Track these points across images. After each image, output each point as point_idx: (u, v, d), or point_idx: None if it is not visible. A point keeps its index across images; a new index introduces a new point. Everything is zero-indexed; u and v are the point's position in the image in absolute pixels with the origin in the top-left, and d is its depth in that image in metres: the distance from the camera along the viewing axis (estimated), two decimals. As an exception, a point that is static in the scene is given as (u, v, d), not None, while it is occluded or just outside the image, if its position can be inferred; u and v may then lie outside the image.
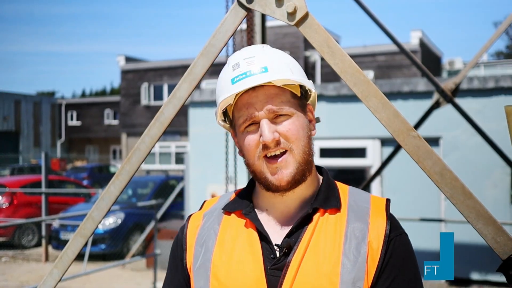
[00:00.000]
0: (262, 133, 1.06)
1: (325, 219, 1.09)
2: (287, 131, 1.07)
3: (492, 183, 6.15)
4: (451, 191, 1.16)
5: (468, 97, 6.20)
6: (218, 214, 1.17)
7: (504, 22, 4.53)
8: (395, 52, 17.90)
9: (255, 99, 1.08)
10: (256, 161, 1.09)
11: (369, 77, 1.25)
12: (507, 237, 1.14)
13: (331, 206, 1.10)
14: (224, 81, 1.13)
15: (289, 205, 1.13)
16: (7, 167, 20.12)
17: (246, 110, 1.09)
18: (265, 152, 1.08)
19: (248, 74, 1.08)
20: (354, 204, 1.12)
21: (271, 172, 1.08)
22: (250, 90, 1.08)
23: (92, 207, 1.47)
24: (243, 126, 1.10)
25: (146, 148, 1.43)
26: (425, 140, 1.18)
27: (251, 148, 1.09)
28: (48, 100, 31.10)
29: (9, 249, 9.32)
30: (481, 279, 6.16)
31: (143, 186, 9.85)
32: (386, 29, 4.53)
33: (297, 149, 1.08)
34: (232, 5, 1.37)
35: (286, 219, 1.12)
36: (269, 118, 1.08)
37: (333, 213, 1.10)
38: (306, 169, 1.09)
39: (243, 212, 1.14)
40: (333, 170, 7.18)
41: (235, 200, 1.19)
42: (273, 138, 1.06)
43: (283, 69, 1.10)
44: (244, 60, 1.11)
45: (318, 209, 1.10)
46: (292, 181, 1.08)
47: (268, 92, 1.08)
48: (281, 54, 1.15)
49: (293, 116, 1.09)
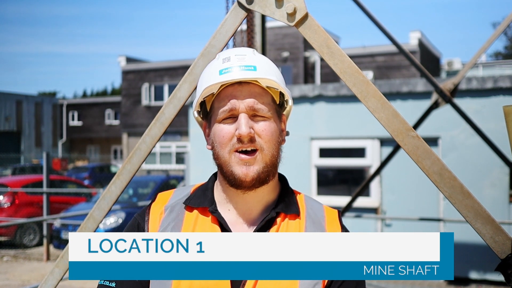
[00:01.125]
0: (239, 126, 1.08)
1: (286, 224, 1.13)
2: (262, 131, 1.09)
3: (490, 182, 6.14)
4: (449, 191, 1.17)
5: (466, 98, 6.21)
6: (180, 209, 1.16)
7: (502, 23, 4.54)
8: (394, 53, 17.92)
9: (239, 93, 1.10)
10: (226, 154, 1.10)
11: (368, 78, 1.25)
12: (505, 237, 1.15)
13: (292, 211, 1.14)
14: (211, 72, 1.14)
15: (251, 207, 1.14)
16: (8, 167, 20.13)
17: (228, 101, 1.10)
18: (237, 146, 1.09)
19: (237, 69, 1.10)
20: (312, 211, 1.16)
21: (238, 166, 1.09)
22: (236, 84, 1.10)
23: (93, 206, 1.47)
24: (220, 116, 1.11)
25: (146, 148, 1.43)
26: (424, 140, 1.19)
27: (224, 139, 1.10)
28: (50, 100, 31.10)
29: (10, 248, 9.33)
30: (479, 278, 6.15)
31: (144, 185, 9.87)
32: (385, 30, 4.55)
33: (267, 150, 1.10)
34: (232, 6, 1.36)
35: (248, 221, 1.14)
36: (248, 114, 1.09)
37: (293, 218, 1.14)
38: (271, 171, 1.12)
39: (210, 209, 1.13)
40: (333, 170, 7.20)
41: (197, 195, 1.18)
42: (249, 133, 1.07)
43: (270, 73, 1.13)
44: (236, 56, 1.13)
45: (279, 213, 1.13)
46: (257, 178, 1.09)
47: (252, 89, 1.10)
48: (269, 61, 1.18)
49: (270, 120, 1.11)
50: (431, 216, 6.27)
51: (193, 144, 7.59)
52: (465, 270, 6.14)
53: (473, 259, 6.07)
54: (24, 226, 9.38)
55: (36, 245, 9.54)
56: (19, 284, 6.69)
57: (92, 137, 32.26)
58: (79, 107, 32.95)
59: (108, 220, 8.42)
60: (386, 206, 6.80)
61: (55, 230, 8.79)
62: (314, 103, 6.98)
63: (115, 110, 30.92)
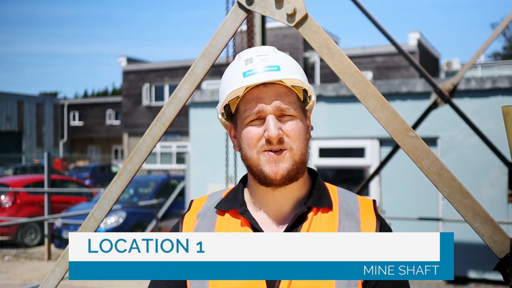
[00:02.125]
0: (268, 128, 1.08)
1: (319, 218, 1.12)
2: (290, 131, 1.10)
3: (489, 182, 6.15)
4: (448, 191, 1.17)
5: (465, 98, 6.22)
6: (212, 214, 1.17)
7: (501, 23, 4.55)
8: (394, 53, 17.90)
9: (265, 95, 1.10)
10: (255, 154, 1.10)
11: (367, 78, 1.23)
12: (504, 236, 1.14)
13: (323, 205, 1.13)
14: (235, 74, 1.13)
15: (282, 204, 1.14)
16: (10, 167, 20.11)
17: (254, 103, 1.10)
18: (266, 147, 1.09)
19: (261, 70, 1.10)
20: (345, 203, 1.16)
21: (268, 165, 1.09)
22: (261, 86, 1.10)
23: (94, 206, 1.45)
24: (248, 119, 1.11)
25: (147, 148, 1.41)
26: (423, 140, 1.18)
27: (253, 141, 1.10)
28: (51, 100, 31.12)
29: (12, 247, 9.34)
30: (478, 277, 6.17)
31: (144, 185, 9.89)
32: (384, 30, 4.55)
33: (296, 149, 1.10)
34: (232, 7, 1.35)
35: (280, 218, 1.14)
36: (275, 114, 1.09)
37: (326, 212, 1.13)
38: (300, 168, 1.12)
39: (239, 211, 1.13)
40: (332, 170, 7.22)
41: (228, 198, 1.19)
42: (278, 134, 1.08)
43: (294, 71, 1.13)
44: (258, 56, 1.12)
45: (311, 208, 1.13)
46: (287, 176, 1.09)
47: (278, 90, 1.10)
48: (291, 58, 1.17)
49: (297, 118, 1.12)
50: (430, 216, 6.28)
51: (193, 144, 7.61)
52: (464, 270, 6.16)
53: (472, 259, 6.08)
54: (25, 226, 9.40)
55: (37, 244, 9.56)
56: (21, 283, 6.70)
57: (93, 137, 32.30)
58: (80, 107, 32.99)
59: (109, 220, 8.45)
60: (385, 206, 6.82)
61: (56, 230, 8.82)
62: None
63: (116, 110, 30.96)
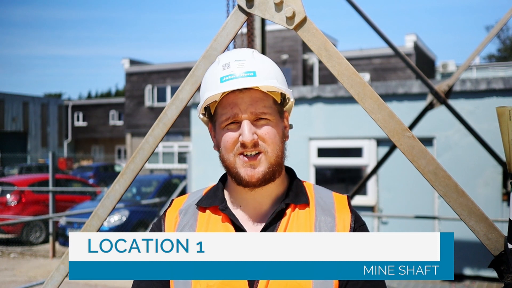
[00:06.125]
0: (243, 133, 1.11)
1: (296, 214, 1.15)
2: (265, 135, 1.12)
3: (484, 181, 6.16)
4: (444, 190, 1.18)
5: (460, 99, 6.24)
6: (193, 210, 1.19)
7: (495, 26, 4.62)
8: (390, 55, 17.99)
9: (241, 100, 1.12)
10: (232, 157, 1.13)
11: (365, 80, 1.26)
12: (498, 234, 1.16)
13: (301, 201, 1.16)
14: (212, 78, 1.15)
15: (261, 202, 1.17)
16: (15, 166, 20.21)
17: (230, 109, 1.12)
18: (242, 150, 1.12)
19: (237, 76, 1.11)
20: (321, 199, 1.18)
21: (244, 168, 1.12)
22: (236, 91, 1.12)
23: (98, 204, 1.48)
24: (224, 123, 1.14)
25: (149, 148, 1.44)
26: (419, 140, 1.21)
27: (229, 144, 1.13)
28: (55, 101, 31.25)
29: (17, 245, 9.42)
30: (473, 274, 6.20)
31: (147, 184, 9.93)
32: (381, 33, 4.59)
33: (271, 152, 1.12)
34: (233, 10, 1.37)
35: (259, 215, 1.16)
36: (250, 119, 1.12)
37: (303, 208, 1.16)
38: (276, 170, 1.14)
39: (220, 207, 1.15)
40: (331, 169, 7.28)
41: (208, 196, 1.21)
42: (252, 139, 1.10)
43: (270, 76, 1.14)
44: (235, 61, 1.13)
45: (289, 205, 1.15)
46: (262, 178, 1.12)
47: (253, 95, 1.12)
48: (269, 61, 1.18)
49: (272, 122, 1.13)
50: (426, 214, 6.31)
51: (195, 144, 7.68)
52: (459, 267, 6.18)
53: (467, 256, 6.10)
54: (30, 224, 9.48)
55: (42, 242, 9.63)
56: (26, 280, 6.74)
57: (96, 137, 32.41)
58: (84, 108, 33.11)
59: (112, 218, 8.55)
60: (382, 204, 6.87)
61: (61, 228, 8.89)
62: (312, 104, 7.02)
63: (119, 111, 31.06)
